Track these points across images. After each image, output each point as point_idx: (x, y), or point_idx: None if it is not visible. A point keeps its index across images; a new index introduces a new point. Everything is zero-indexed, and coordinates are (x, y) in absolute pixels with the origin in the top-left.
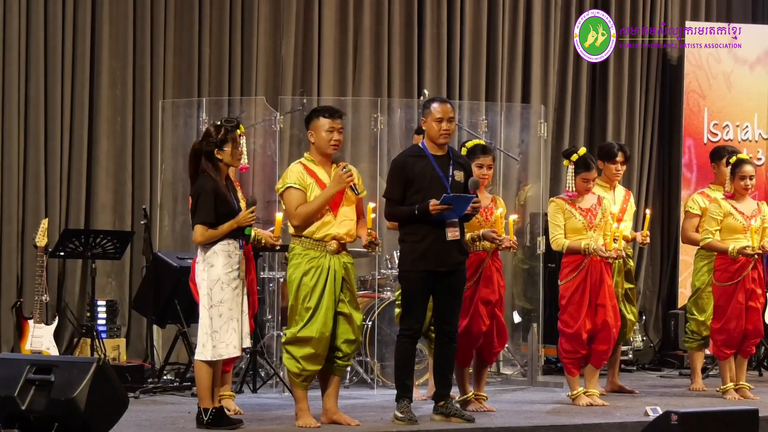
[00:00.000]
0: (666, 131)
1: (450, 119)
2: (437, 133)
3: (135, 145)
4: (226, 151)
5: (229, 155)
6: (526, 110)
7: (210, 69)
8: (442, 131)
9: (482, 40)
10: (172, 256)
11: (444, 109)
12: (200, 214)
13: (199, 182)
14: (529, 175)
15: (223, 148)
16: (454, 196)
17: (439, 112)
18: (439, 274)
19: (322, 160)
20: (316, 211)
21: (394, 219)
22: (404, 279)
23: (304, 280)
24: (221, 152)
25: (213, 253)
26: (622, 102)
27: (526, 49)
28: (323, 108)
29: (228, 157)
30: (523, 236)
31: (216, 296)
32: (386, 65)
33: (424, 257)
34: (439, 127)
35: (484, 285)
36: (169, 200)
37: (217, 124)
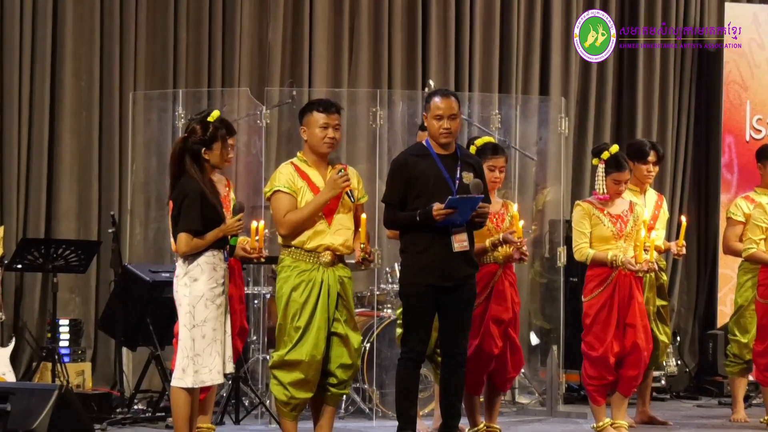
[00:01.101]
0: (703, 127)
1: (452, 116)
2: (437, 132)
3: (102, 143)
4: (214, 150)
5: (218, 156)
6: (545, 103)
7: (187, 56)
8: (443, 130)
9: (495, 24)
10: (144, 269)
11: (445, 105)
12: (185, 221)
13: (183, 185)
14: (548, 176)
15: (211, 147)
16: (460, 198)
17: (439, 107)
18: (445, 289)
19: (316, 161)
20: (307, 219)
21: (394, 226)
22: (406, 295)
23: (293, 295)
24: (209, 152)
25: (196, 265)
26: (653, 94)
27: (544, 35)
28: (317, 101)
29: (216, 158)
30: (541, 246)
31: (199, 315)
32: (386, 52)
33: (428, 270)
34: (439, 125)
35: (495, 302)
36: (140, 205)
37: (203, 120)
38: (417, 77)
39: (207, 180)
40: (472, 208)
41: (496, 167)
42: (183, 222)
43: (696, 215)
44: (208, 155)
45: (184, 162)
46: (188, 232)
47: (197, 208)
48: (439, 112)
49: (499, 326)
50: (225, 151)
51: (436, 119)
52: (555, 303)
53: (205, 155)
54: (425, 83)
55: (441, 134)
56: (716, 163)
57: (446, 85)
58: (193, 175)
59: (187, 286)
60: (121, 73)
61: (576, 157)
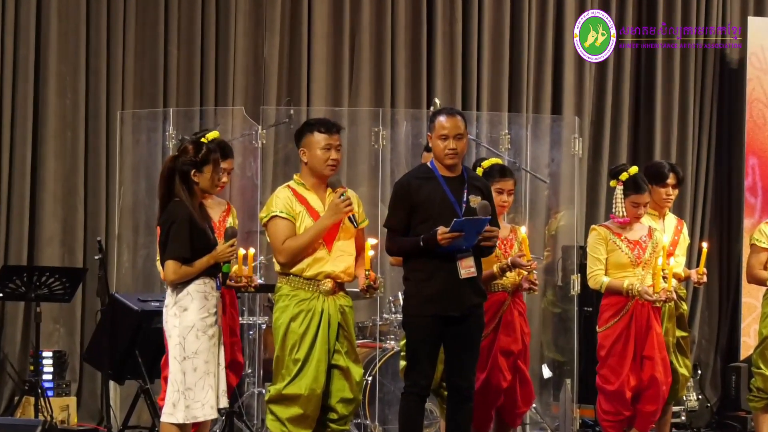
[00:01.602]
0: (725, 148)
1: (458, 136)
2: (441, 152)
3: (88, 165)
4: (204, 174)
5: (208, 180)
6: (557, 123)
7: (178, 73)
8: (448, 151)
9: (505, 39)
10: (133, 298)
11: (451, 124)
12: (173, 248)
13: (171, 209)
14: (561, 200)
15: (201, 169)
16: (466, 220)
17: (444, 127)
18: (452, 319)
19: (315, 183)
20: (307, 247)
21: (397, 253)
22: (410, 326)
23: (292, 326)
24: (199, 174)
25: (186, 294)
26: (672, 113)
27: (557, 51)
28: (318, 121)
29: (206, 182)
30: (554, 273)
31: (190, 346)
32: (389, 69)
33: (433, 299)
34: (444, 145)
35: (504, 332)
36: (128, 230)
37: (197, 141)
38: (422, 95)
39: (196, 204)
40: (479, 232)
41: (505, 190)
42: (171, 249)
43: (718, 241)
44: (198, 178)
45: (173, 183)
46: (176, 260)
47: (186, 233)
48: (445, 132)
49: (507, 358)
50: (216, 176)
51: (441, 139)
52: (568, 334)
53: (194, 177)
54: (430, 102)
55: (446, 155)
56: (739, 186)
57: (453, 103)
58: (182, 198)
59: (177, 316)
60: (108, 92)
61: (590, 180)
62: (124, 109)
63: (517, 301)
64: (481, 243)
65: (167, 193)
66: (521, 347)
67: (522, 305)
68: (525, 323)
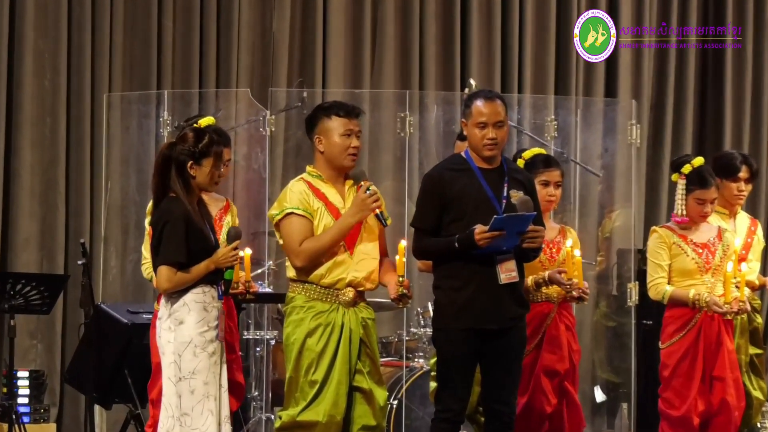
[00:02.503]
0: None
1: (498, 124)
2: (479, 142)
3: (70, 156)
4: (203, 167)
5: (206, 175)
6: (612, 107)
7: (174, 51)
8: (486, 141)
9: (550, 12)
10: (122, 309)
11: (490, 110)
12: (166, 252)
13: (165, 206)
14: (616, 197)
15: (200, 162)
16: (507, 217)
17: (482, 113)
18: (489, 333)
19: (333, 176)
20: (329, 248)
21: (426, 256)
22: (441, 341)
23: (308, 342)
24: (197, 167)
25: (182, 305)
26: (743, 98)
27: None
28: (335, 104)
29: (203, 177)
30: (607, 282)
31: (187, 365)
32: (417, 45)
33: (468, 310)
34: (482, 134)
35: (548, 349)
36: (117, 231)
37: (198, 128)
38: (454, 76)
39: (194, 200)
40: (522, 231)
41: (551, 182)
42: (164, 253)
43: None
44: (195, 171)
45: (169, 175)
46: (170, 265)
47: (181, 235)
48: (483, 120)
49: (552, 379)
50: (216, 171)
51: (478, 128)
52: (625, 351)
53: (190, 170)
54: (465, 83)
55: (485, 146)
56: None
57: (490, 85)
58: (178, 194)
59: (172, 331)
60: (93, 71)
61: (650, 173)
62: (111, 91)
63: (564, 313)
64: (524, 244)
65: (162, 187)
66: (568, 366)
67: (570, 318)
68: (573, 339)
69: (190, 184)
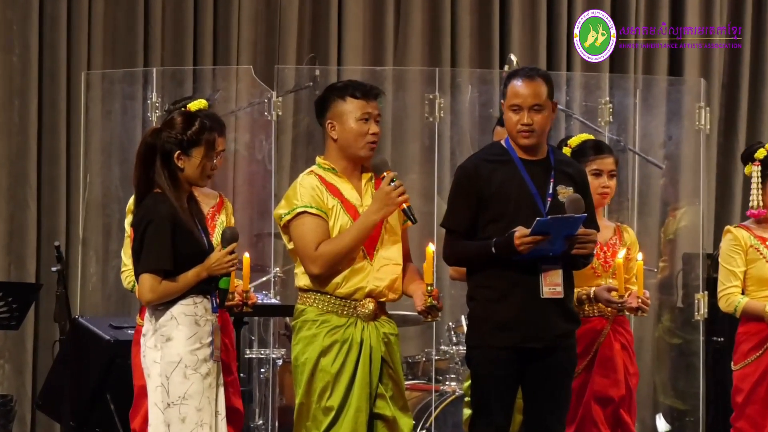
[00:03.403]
0: None
1: (535, 108)
2: (513, 129)
3: (42, 145)
4: (192, 158)
5: (196, 168)
6: (677, 87)
7: (164, 22)
8: (521, 126)
9: None
10: (103, 324)
11: (527, 90)
12: (149, 258)
13: (148, 204)
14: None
15: (189, 152)
16: (553, 219)
17: (517, 94)
18: (533, 353)
19: (347, 168)
20: (351, 251)
21: (459, 263)
22: (476, 361)
23: (322, 363)
24: (185, 158)
25: (170, 319)
26: None
27: None
28: (350, 84)
29: (192, 170)
30: (672, 291)
31: (176, 389)
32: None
33: (508, 326)
34: (516, 119)
35: (601, 372)
36: (97, 233)
37: (188, 112)
38: (492, 51)
39: (183, 196)
40: (570, 235)
41: (604, 171)
42: (146, 258)
43: None
44: (183, 162)
45: (153, 166)
46: (154, 273)
47: (166, 237)
48: (517, 102)
49: (605, 407)
50: (209, 164)
51: (512, 111)
52: (692, 373)
53: (178, 161)
54: (504, 60)
55: (519, 132)
56: None
57: (535, 61)
58: (163, 189)
59: (158, 349)
60: (69, 46)
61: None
62: (90, 69)
63: (619, 329)
64: (573, 250)
65: (145, 182)
66: (624, 392)
67: (627, 335)
68: (630, 360)
69: (178, 177)
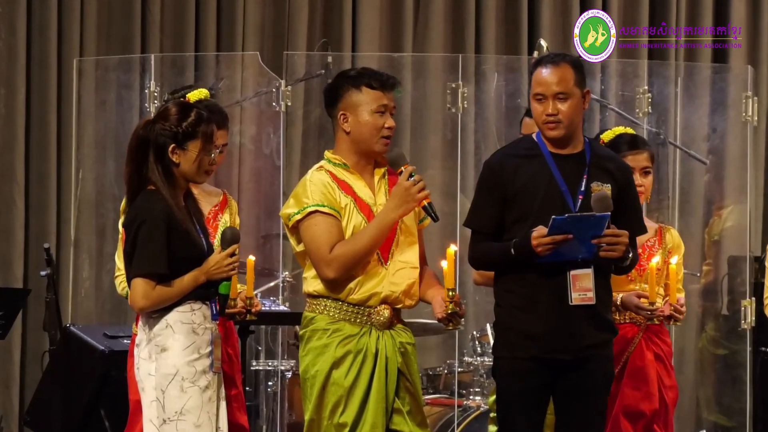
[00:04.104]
0: None
1: (560, 96)
2: (538, 120)
3: (30, 138)
4: (188, 152)
5: (192, 162)
6: (722, 76)
7: (163, 5)
8: (545, 117)
9: None
10: (97, 333)
11: (553, 78)
12: (142, 261)
13: (141, 203)
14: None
15: (185, 145)
16: (571, 218)
17: (539, 83)
18: (563, 365)
19: (360, 164)
20: (368, 253)
21: (483, 266)
22: (502, 374)
23: (334, 376)
24: (180, 152)
25: (165, 327)
26: None
27: None
28: (365, 72)
29: (189, 165)
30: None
31: (173, 403)
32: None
33: (536, 335)
34: (541, 109)
35: (631, 384)
36: (90, 234)
37: (184, 102)
38: (520, 36)
39: (179, 193)
40: (598, 235)
41: (636, 168)
42: (139, 261)
43: None
44: (179, 157)
45: (146, 162)
46: (147, 278)
47: (160, 239)
48: (541, 90)
49: (635, 423)
50: (207, 158)
51: (536, 101)
52: (738, 386)
53: (172, 155)
54: (534, 46)
55: (545, 124)
56: None
57: (566, 47)
58: (157, 186)
59: (152, 360)
60: (60, 31)
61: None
62: (83, 55)
63: (653, 338)
64: (601, 253)
65: (138, 178)
66: (657, 407)
67: (663, 345)
68: (667, 371)
69: (173, 173)
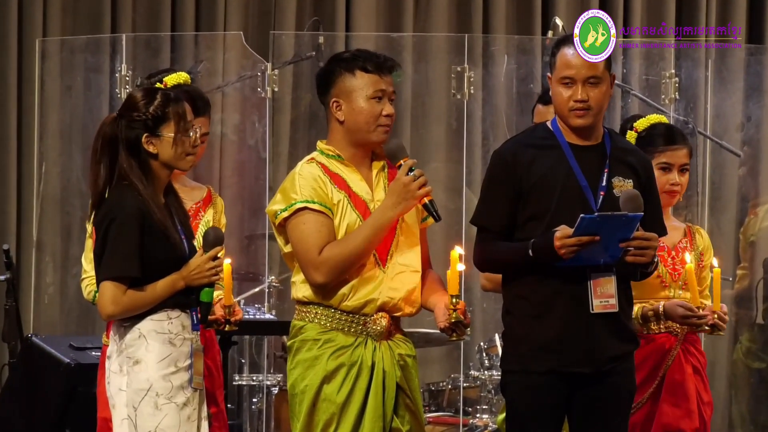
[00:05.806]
0: None
1: (592, 81)
2: (565, 107)
3: None
4: (163, 138)
5: (170, 147)
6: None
7: None
8: (573, 104)
9: None
10: (62, 344)
11: (581, 60)
12: (111, 262)
13: (113, 199)
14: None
15: (158, 131)
16: (601, 217)
17: (568, 65)
18: (581, 379)
19: (355, 156)
20: (363, 255)
21: (493, 269)
22: (513, 389)
23: (325, 391)
24: (155, 140)
25: (138, 337)
26: None
27: None
28: (360, 54)
29: (168, 151)
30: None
31: (146, 422)
32: None
33: (550, 347)
34: (569, 95)
35: (670, 401)
36: (54, 235)
37: (147, 87)
38: (533, 14)
39: (158, 188)
40: (626, 237)
41: (674, 165)
42: (108, 263)
43: None
44: (154, 146)
45: (116, 157)
46: (117, 281)
47: (133, 238)
48: (569, 73)
49: None
50: (185, 139)
51: (563, 85)
52: None
53: (147, 146)
54: (548, 25)
55: (571, 110)
56: None
57: None
58: (131, 181)
59: (124, 374)
60: (21, 9)
61: None
62: (47, 35)
63: (690, 349)
64: (628, 257)
65: (106, 175)
66: (698, 425)
67: (700, 356)
68: (704, 386)
69: (151, 168)
